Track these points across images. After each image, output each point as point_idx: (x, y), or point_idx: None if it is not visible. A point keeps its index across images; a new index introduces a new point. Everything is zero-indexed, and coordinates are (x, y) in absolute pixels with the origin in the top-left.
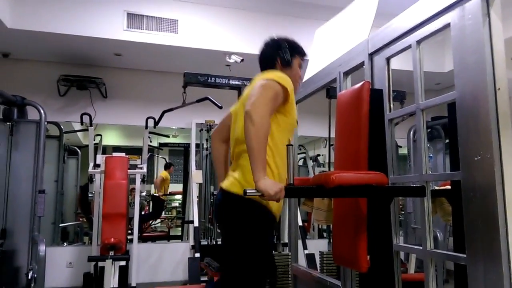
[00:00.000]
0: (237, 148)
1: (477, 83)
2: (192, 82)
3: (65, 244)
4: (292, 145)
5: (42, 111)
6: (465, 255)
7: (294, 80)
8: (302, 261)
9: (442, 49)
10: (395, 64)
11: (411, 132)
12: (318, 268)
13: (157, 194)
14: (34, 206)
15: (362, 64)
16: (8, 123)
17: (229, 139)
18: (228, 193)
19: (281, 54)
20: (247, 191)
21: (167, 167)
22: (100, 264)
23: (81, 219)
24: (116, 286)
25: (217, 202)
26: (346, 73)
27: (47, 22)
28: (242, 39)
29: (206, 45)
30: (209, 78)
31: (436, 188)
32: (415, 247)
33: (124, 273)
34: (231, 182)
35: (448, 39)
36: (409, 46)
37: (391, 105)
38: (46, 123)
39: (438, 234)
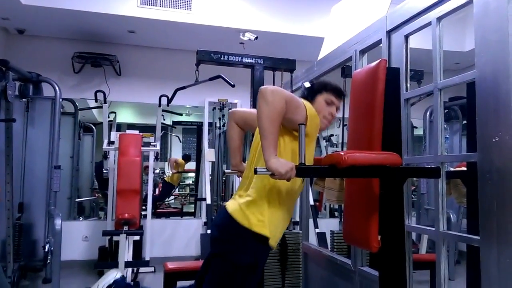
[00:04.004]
0: (250, 175)
1: (499, 63)
2: (205, 60)
3: (81, 218)
4: (304, 124)
5: (57, 88)
6: (478, 237)
7: (317, 113)
8: (313, 240)
9: (463, 27)
10: (413, 42)
11: (428, 113)
12: (329, 246)
13: (168, 179)
14: (50, 181)
15: (379, 42)
16: (24, 100)
17: (244, 129)
18: (231, 218)
19: (303, 92)
20: (258, 169)
21: (184, 158)
22: (115, 238)
23: (96, 195)
24: (130, 259)
25: (217, 221)
26: (363, 51)
27: None
28: (257, 17)
29: (219, 22)
30: (222, 56)
31: (452, 169)
32: (428, 228)
33: (138, 247)
34: (236, 208)
35: (470, 16)
36: (429, 23)
37: (408, 85)
38: (61, 99)
39: (451, 216)
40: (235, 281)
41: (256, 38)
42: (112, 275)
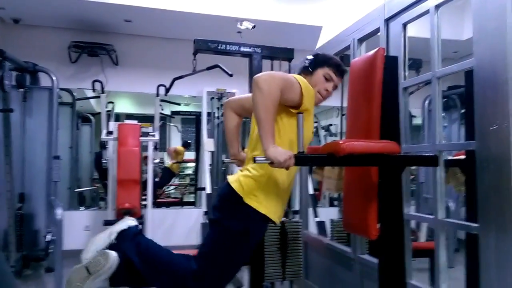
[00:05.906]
0: (251, 151)
1: (497, 51)
2: (203, 49)
3: (82, 208)
4: (301, 113)
5: (54, 78)
6: (477, 225)
7: (313, 86)
8: (312, 229)
9: (461, 15)
10: (411, 31)
11: (426, 102)
12: (329, 235)
13: (168, 166)
14: (50, 171)
15: (377, 30)
16: (21, 90)
17: (241, 115)
18: (229, 186)
19: (304, 62)
20: (256, 158)
21: (184, 145)
22: None
23: (96, 185)
24: None
25: (219, 191)
26: (361, 40)
27: None
28: (254, 5)
29: (217, 11)
30: (220, 44)
31: (450, 158)
32: (427, 216)
33: None
34: (235, 178)
35: (468, 4)
36: (427, 11)
37: (406, 73)
38: (58, 89)
39: (450, 204)
40: (226, 245)
41: (254, 27)
42: (128, 222)
